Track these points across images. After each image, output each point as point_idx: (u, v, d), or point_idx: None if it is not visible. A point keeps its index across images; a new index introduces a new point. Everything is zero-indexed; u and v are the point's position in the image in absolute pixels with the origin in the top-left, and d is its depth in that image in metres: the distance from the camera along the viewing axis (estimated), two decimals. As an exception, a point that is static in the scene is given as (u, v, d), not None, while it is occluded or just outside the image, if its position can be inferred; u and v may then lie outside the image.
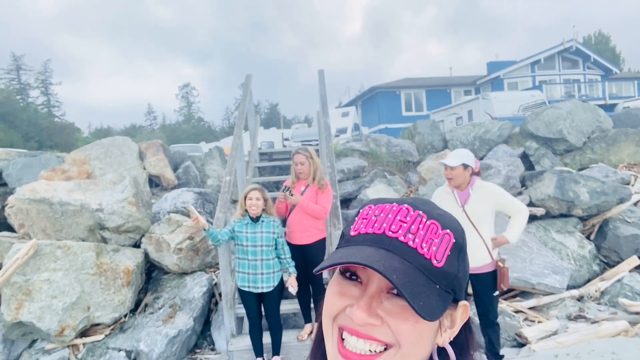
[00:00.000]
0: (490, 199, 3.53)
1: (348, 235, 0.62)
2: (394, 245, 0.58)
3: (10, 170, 6.57)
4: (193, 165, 7.15)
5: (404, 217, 0.60)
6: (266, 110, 63.86)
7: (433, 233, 0.59)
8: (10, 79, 47.69)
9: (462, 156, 3.55)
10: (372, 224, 0.60)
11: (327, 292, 0.62)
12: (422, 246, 0.58)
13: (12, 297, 4.42)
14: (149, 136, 41.89)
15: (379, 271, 0.53)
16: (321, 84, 6.52)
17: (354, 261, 0.55)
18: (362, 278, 0.60)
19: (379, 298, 0.58)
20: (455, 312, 0.63)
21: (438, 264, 0.58)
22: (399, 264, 0.56)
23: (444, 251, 0.59)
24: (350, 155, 7.56)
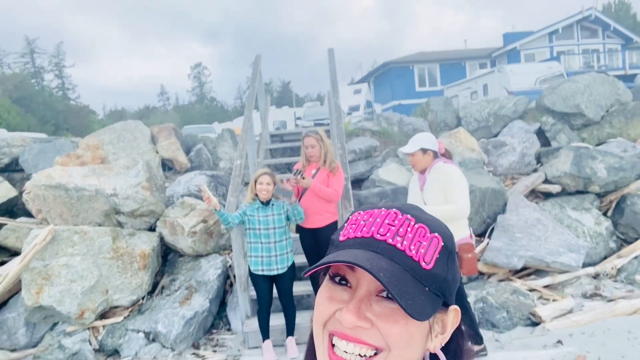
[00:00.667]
0: (440, 182, 3.44)
1: (337, 241, 0.63)
2: (382, 247, 0.58)
3: (26, 156, 6.68)
4: (205, 148, 7.17)
5: (392, 220, 0.60)
6: (278, 88, 63.50)
7: (421, 236, 0.59)
8: (25, 63, 48.12)
9: (418, 141, 3.52)
10: (361, 228, 0.61)
11: (317, 298, 0.62)
12: (410, 248, 0.58)
13: (32, 282, 4.54)
14: (163, 117, 42.12)
15: (366, 269, 0.53)
16: (331, 63, 6.43)
17: (340, 260, 0.55)
18: (351, 282, 0.60)
19: (369, 301, 0.58)
20: (446, 317, 0.63)
21: (427, 266, 0.58)
22: (387, 265, 0.56)
23: (433, 254, 0.59)
24: (362, 135, 7.49)
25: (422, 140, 3.53)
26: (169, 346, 4.62)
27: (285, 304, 3.97)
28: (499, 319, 4.47)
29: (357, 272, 0.58)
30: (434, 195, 3.46)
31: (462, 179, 3.45)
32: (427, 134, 3.65)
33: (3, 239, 5.60)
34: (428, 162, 3.52)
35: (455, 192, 3.38)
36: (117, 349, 4.66)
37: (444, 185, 3.40)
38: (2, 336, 4.74)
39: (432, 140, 3.56)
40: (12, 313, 4.84)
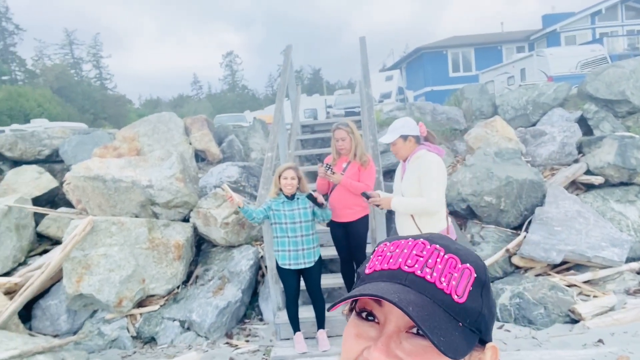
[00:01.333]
0: (418, 171, 3.23)
1: (363, 274, 0.59)
2: (411, 279, 0.54)
3: (66, 148, 6.90)
4: (237, 139, 7.22)
5: (420, 251, 0.56)
6: (309, 76, 63.31)
7: (452, 267, 0.55)
8: (64, 54, 49.62)
9: (397, 128, 3.32)
10: (387, 260, 0.57)
11: (343, 335, 0.59)
12: (440, 280, 0.54)
13: (73, 271, 4.71)
14: (196, 106, 42.78)
15: (393, 302, 0.49)
16: (363, 52, 6.31)
17: (366, 293, 0.52)
18: (379, 318, 0.56)
19: (398, 338, 0.54)
20: (484, 355, 0.58)
21: (459, 300, 0.54)
22: (416, 298, 0.52)
23: (465, 286, 0.54)
24: (394, 124, 7.36)
25: (401, 127, 3.33)
26: (203, 335, 4.72)
27: (314, 297, 3.97)
28: (536, 315, 4.34)
29: (384, 306, 0.55)
30: (411, 186, 3.28)
31: (439, 170, 3.23)
32: (405, 119, 3.44)
33: (45, 229, 5.83)
34: (410, 149, 3.32)
35: (429, 184, 3.17)
36: (154, 337, 4.79)
37: (419, 176, 3.21)
38: (45, 322, 4.96)
39: (411, 125, 3.35)
40: (54, 300, 5.04)
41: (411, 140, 3.29)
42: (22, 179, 6.25)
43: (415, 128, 3.33)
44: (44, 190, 6.30)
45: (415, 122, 3.42)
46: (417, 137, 3.32)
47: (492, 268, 5.10)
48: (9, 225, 5.38)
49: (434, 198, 3.14)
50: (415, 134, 3.31)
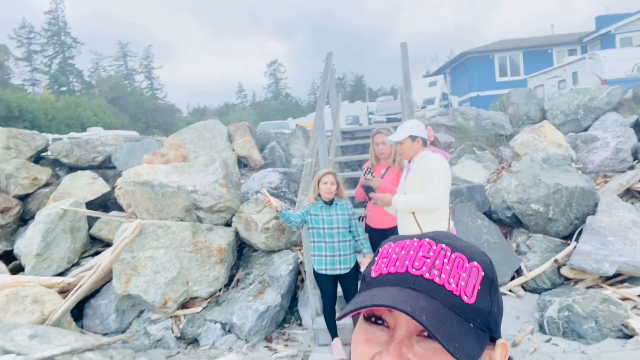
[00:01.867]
0: (420, 172, 3.20)
1: (369, 277, 0.59)
2: (419, 283, 0.54)
3: (118, 154, 7.24)
4: (278, 146, 7.34)
5: (426, 252, 0.56)
6: (351, 83, 63.41)
7: (459, 267, 0.55)
8: (119, 66, 52.19)
9: (407, 128, 3.30)
10: (394, 263, 0.57)
11: (352, 340, 0.59)
12: (449, 282, 0.54)
13: (122, 272, 4.92)
14: (241, 114, 43.76)
15: (407, 312, 0.49)
16: (404, 58, 6.27)
17: (378, 304, 0.51)
18: (388, 321, 0.56)
19: (409, 342, 0.53)
20: (494, 352, 0.58)
21: (469, 300, 0.53)
22: (426, 304, 0.52)
23: (474, 286, 0.54)
24: (436, 130, 7.25)
25: (411, 127, 3.32)
26: (244, 338, 4.80)
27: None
28: (586, 329, 4.13)
29: (394, 311, 0.54)
30: (413, 185, 3.24)
31: (442, 169, 3.18)
32: (415, 121, 3.43)
33: (97, 231, 6.12)
34: (416, 150, 3.30)
35: (430, 180, 3.14)
36: (197, 338, 4.92)
37: (421, 174, 3.18)
38: (96, 321, 5.19)
39: (421, 127, 3.33)
40: (104, 300, 5.28)
41: (419, 142, 3.29)
42: (77, 183, 6.60)
43: (424, 131, 3.33)
44: (97, 194, 6.63)
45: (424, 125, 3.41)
46: (424, 140, 3.32)
47: (539, 279, 4.90)
48: (64, 228, 5.69)
49: (434, 194, 3.10)
50: (423, 136, 3.31)
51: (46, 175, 6.87)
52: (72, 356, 3.86)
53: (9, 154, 6.76)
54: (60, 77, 45.31)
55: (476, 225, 5.35)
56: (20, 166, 6.58)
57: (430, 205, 3.13)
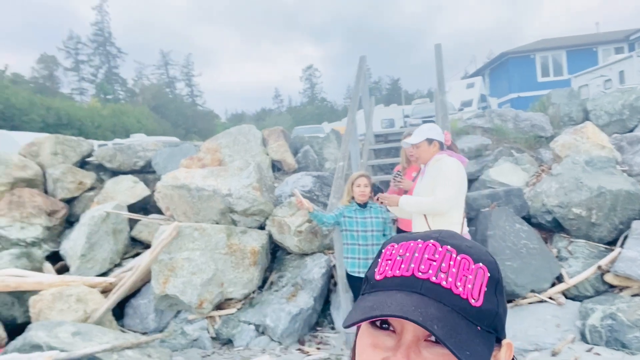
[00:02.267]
0: (435, 175, 3.14)
1: (373, 280, 0.58)
2: (427, 287, 0.53)
3: (157, 159, 7.48)
4: (311, 149, 7.39)
5: (431, 254, 0.55)
6: (387, 86, 63.01)
7: (465, 269, 0.54)
8: (160, 74, 53.92)
9: (424, 131, 3.25)
10: (399, 265, 0.56)
11: (357, 345, 0.58)
12: (456, 285, 0.53)
13: (160, 273, 5.07)
14: (277, 119, 44.25)
15: (418, 322, 0.49)
16: (438, 59, 6.20)
17: (388, 314, 0.51)
18: (394, 326, 0.55)
19: (417, 347, 0.53)
20: (499, 353, 0.58)
21: (476, 303, 0.53)
22: (436, 311, 0.51)
23: (480, 288, 0.54)
24: (472, 132, 7.10)
25: (428, 130, 3.27)
26: (277, 340, 4.84)
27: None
28: (630, 338, 3.93)
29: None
30: (427, 189, 3.19)
31: (454, 172, 3.10)
32: (432, 124, 3.39)
33: (138, 233, 6.34)
34: (432, 154, 3.25)
35: (440, 184, 3.07)
36: (231, 339, 5.00)
37: (435, 177, 3.12)
38: (136, 320, 5.37)
39: (438, 131, 3.29)
40: (144, 300, 5.46)
41: (435, 145, 3.24)
42: (119, 187, 6.86)
43: (441, 135, 3.29)
44: (137, 198, 6.87)
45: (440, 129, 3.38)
46: (441, 144, 3.27)
47: (581, 286, 4.71)
48: (106, 230, 5.93)
49: (440, 197, 3.03)
50: (440, 139, 3.26)
51: (91, 179, 7.18)
52: (112, 354, 4.01)
53: (56, 160, 7.11)
54: (105, 85, 47.28)
55: (514, 229, 5.19)
56: (66, 171, 6.91)
57: (436, 208, 3.07)
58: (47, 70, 47.41)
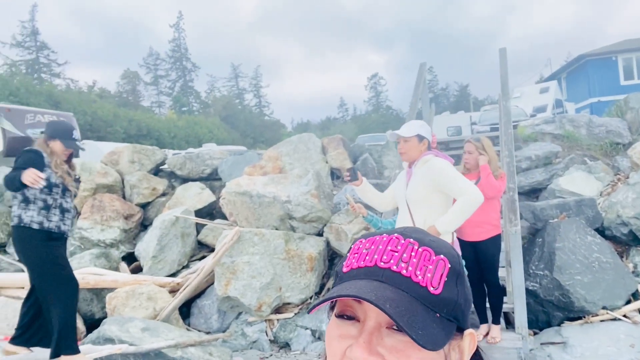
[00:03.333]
0: (429, 177, 2.93)
1: (341, 273, 0.61)
2: (387, 275, 0.56)
3: (223, 167, 7.84)
4: (370, 157, 7.40)
5: (394, 246, 0.58)
6: (455, 92, 61.38)
7: (426, 260, 0.56)
8: (231, 86, 56.34)
9: (416, 126, 3.08)
10: (364, 257, 0.58)
11: (326, 337, 0.60)
12: (416, 274, 0.55)
13: (222, 275, 5.30)
14: (342, 128, 44.58)
15: (370, 301, 0.51)
16: (502, 64, 6.00)
17: (344, 294, 0.53)
18: (359, 316, 0.57)
19: (379, 334, 0.55)
20: (463, 343, 0.59)
21: (435, 291, 0.55)
22: (393, 294, 0.53)
23: (440, 277, 0.56)
24: (541, 139, 6.76)
25: (420, 127, 3.10)
26: (332, 346, 4.88)
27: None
28: None
29: (364, 304, 0.56)
30: (421, 192, 3.00)
31: (453, 168, 2.96)
32: (423, 122, 3.22)
33: (204, 237, 6.67)
34: (419, 153, 3.07)
35: (455, 182, 2.90)
36: (288, 342, 5.11)
37: (433, 180, 2.94)
38: (200, 319, 5.64)
39: (428, 130, 3.12)
40: (208, 300, 5.72)
41: (425, 144, 3.11)
42: (188, 193, 7.27)
43: (430, 135, 3.15)
44: (204, 203, 7.23)
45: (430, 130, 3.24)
46: (429, 144, 3.14)
47: (662, 305, 4.33)
48: (176, 233, 6.30)
49: (468, 191, 2.89)
50: (429, 138, 3.13)
51: (163, 185, 7.66)
52: (177, 350, 4.25)
53: (133, 167, 7.68)
54: (181, 98, 50.18)
55: (585, 242, 4.88)
56: (142, 178, 7.43)
57: (478, 201, 2.92)
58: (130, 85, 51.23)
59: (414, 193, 3.06)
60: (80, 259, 6.02)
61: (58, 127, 3.62)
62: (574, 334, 4.19)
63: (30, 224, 3.31)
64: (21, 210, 3.35)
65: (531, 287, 4.70)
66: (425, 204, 3.02)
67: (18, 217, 3.35)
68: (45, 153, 3.45)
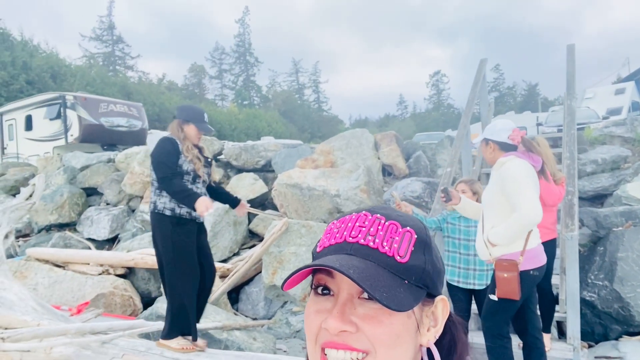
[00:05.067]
0: (498, 181, 2.74)
1: (315, 253, 0.64)
2: (355, 248, 0.58)
3: (277, 159, 8.00)
4: (424, 155, 7.27)
5: (362, 222, 0.60)
6: (523, 92, 58.64)
7: (393, 232, 0.58)
8: (291, 81, 57.16)
9: (487, 130, 2.92)
10: (334, 236, 0.61)
11: (305, 314, 0.63)
12: (383, 245, 0.57)
13: (269, 264, 5.44)
14: (400, 125, 43.99)
15: (335, 268, 0.53)
16: (570, 60, 5.69)
17: (309, 265, 0.57)
18: (333, 290, 0.59)
19: (352, 304, 0.57)
20: (436, 309, 0.62)
21: (402, 260, 0.57)
22: (358, 263, 0.56)
23: (407, 247, 0.58)
24: (609, 142, 6.33)
25: (487, 129, 2.93)
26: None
27: (483, 324, 3.72)
28: None
29: (336, 278, 0.58)
30: (488, 197, 2.86)
31: (523, 176, 2.68)
32: (500, 121, 2.97)
33: (255, 227, 6.86)
34: (493, 156, 2.89)
35: (515, 195, 2.65)
36: (330, 334, 5.16)
37: (502, 187, 2.74)
38: (248, 305, 5.82)
39: (498, 129, 2.88)
40: (256, 288, 5.89)
41: (492, 146, 2.89)
42: (242, 183, 7.49)
43: (500, 133, 2.88)
44: (257, 194, 7.42)
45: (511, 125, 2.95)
46: (501, 144, 2.87)
47: None
48: (228, 221, 6.52)
49: (528, 207, 2.62)
50: (498, 139, 2.86)
51: (219, 175, 7.95)
52: (223, 332, 4.42)
53: (192, 156, 8.02)
54: (243, 92, 51.61)
55: (653, 253, 4.54)
56: (200, 167, 7.75)
57: (528, 221, 2.66)
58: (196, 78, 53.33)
59: (487, 197, 2.96)
60: (141, 240, 6.39)
61: (191, 111, 3.60)
62: (632, 350, 3.92)
63: (163, 210, 3.38)
64: (156, 197, 3.44)
65: (588, 298, 4.45)
66: (494, 209, 2.87)
67: (153, 204, 3.44)
68: (178, 138, 3.45)
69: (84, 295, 5.48)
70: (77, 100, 12.72)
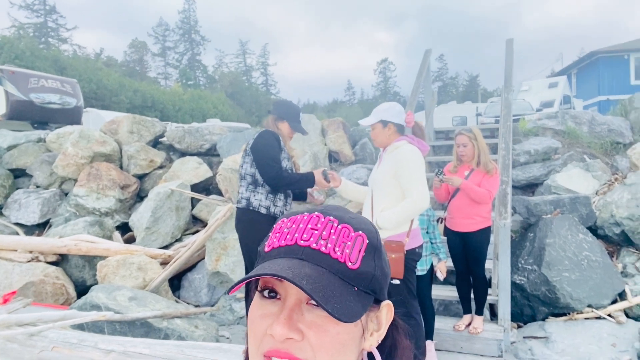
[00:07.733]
0: (392, 165, 2.82)
1: (263, 252, 0.61)
2: (306, 253, 0.57)
3: (222, 143, 7.81)
4: (370, 142, 7.36)
5: (315, 224, 0.59)
6: (464, 82, 60.82)
7: (345, 236, 0.58)
8: (238, 63, 55.93)
9: (379, 112, 2.95)
10: (285, 236, 0.59)
11: (249, 318, 0.60)
12: (335, 250, 0.56)
13: (213, 251, 5.34)
14: (348, 111, 44.36)
15: (287, 278, 0.52)
16: (508, 55, 5.93)
17: (261, 273, 0.54)
18: (280, 293, 0.58)
19: (300, 310, 0.56)
20: (380, 313, 0.62)
21: (353, 266, 0.56)
22: (310, 270, 0.54)
23: (358, 252, 0.57)
24: (541, 134, 6.70)
25: (383, 111, 2.97)
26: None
27: (423, 308, 3.86)
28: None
29: (284, 282, 0.56)
30: (381, 179, 2.91)
31: (418, 163, 2.82)
32: (391, 104, 3.04)
33: (198, 212, 6.70)
34: (389, 138, 2.95)
35: (409, 181, 2.78)
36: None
37: (395, 172, 2.83)
38: (190, 292, 5.71)
39: (395, 111, 2.97)
40: (198, 274, 5.77)
41: (391, 128, 2.96)
42: (185, 167, 7.27)
43: (399, 116, 2.99)
44: (201, 178, 7.23)
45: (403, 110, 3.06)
46: (399, 126, 2.98)
47: (648, 307, 4.34)
48: (170, 206, 6.32)
49: (417, 196, 2.77)
50: (397, 121, 2.96)
51: (161, 158, 7.66)
52: (162, 320, 4.30)
53: (132, 138, 7.67)
54: (188, 71, 49.86)
55: (576, 240, 4.88)
56: (140, 149, 7.43)
57: (420, 207, 2.80)
58: (137, 55, 50.89)
59: (378, 179, 2.97)
60: (74, 226, 6.07)
61: (288, 109, 3.47)
62: (557, 330, 4.22)
63: (259, 208, 3.27)
64: (250, 193, 3.30)
65: (518, 281, 4.72)
66: (385, 192, 2.90)
67: (247, 200, 3.32)
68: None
69: (11, 283, 5.14)
70: (4, 73, 11.75)
